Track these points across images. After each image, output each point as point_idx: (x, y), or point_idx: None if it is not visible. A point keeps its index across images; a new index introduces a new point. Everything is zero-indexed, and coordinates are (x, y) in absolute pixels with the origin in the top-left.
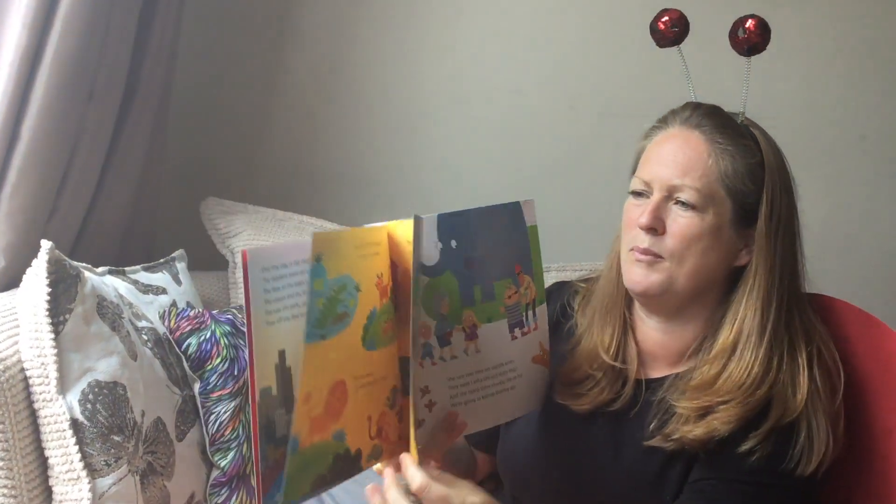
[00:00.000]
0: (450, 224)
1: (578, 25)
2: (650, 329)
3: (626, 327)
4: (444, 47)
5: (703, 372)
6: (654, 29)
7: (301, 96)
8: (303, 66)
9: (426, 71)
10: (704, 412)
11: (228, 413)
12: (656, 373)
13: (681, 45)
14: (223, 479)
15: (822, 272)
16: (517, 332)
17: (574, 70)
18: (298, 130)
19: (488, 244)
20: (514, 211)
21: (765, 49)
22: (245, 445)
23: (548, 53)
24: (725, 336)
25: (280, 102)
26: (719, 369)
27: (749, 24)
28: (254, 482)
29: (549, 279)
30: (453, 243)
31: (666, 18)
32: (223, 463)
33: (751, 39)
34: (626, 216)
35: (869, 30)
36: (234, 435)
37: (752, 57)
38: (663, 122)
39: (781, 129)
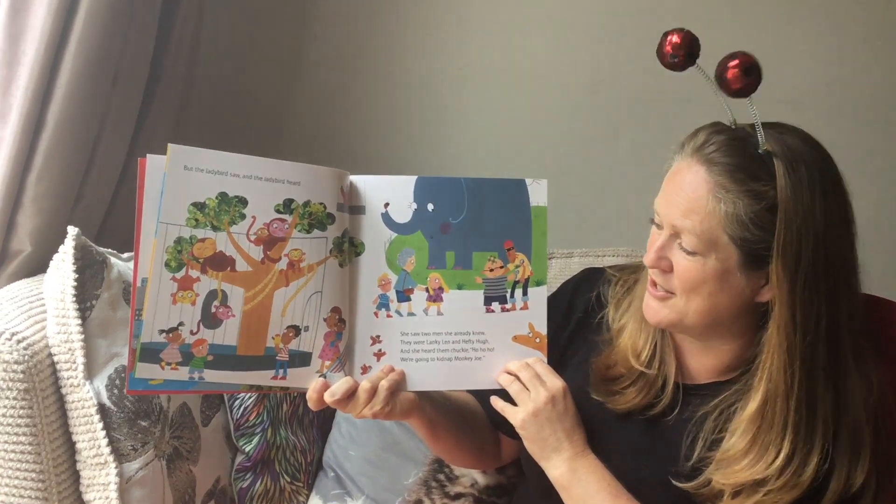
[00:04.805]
0: (430, 187)
1: (601, 3)
2: (687, 342)
3: (665, 332)
4: (460, 29)
5: (732, 445)
6: (660, 55)
7: (322, 84)
8: (324, 54)
9: (442, 54)
10: (748, 493)
11: (253, 399)
12: (698, 378)
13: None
14: (248, 464)
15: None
16: (495, 305)
17: (597, 51)
18: (320, 117)
19: (476, 215)
20: (516, 188)
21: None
22: (269, 430)
23: (569, 34)
24: (752, 406)
25: (302, 89)
26: (747, 444)
27: (670, 44)
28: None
29: (573, 265)
30: (430, 206)
31: (668, 48)
32: (248, 448)
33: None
34: None
35: None
36: (259, 420)
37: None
38: (681, 145)
39: (805, 114)
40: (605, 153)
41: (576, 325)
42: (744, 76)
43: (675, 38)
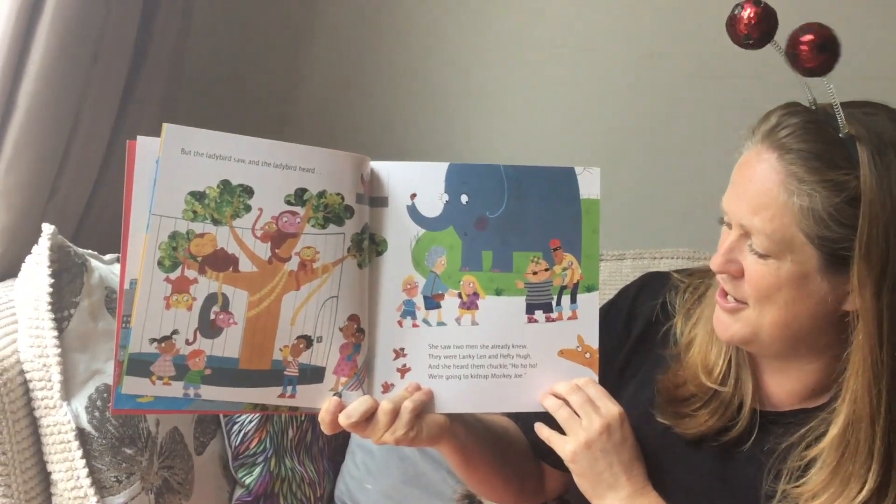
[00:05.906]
0: (464, 176)
1: None
2: (765, 361)
3: (740, 348)
4: None
5: (812, 477)
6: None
7: (335, 59)
8: (338, 23)
9: (476, 23)
10: None
11: (254, 423)
12: (780, 405)
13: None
14: (248, 499)
15: None
16: (539, 314)
17: (655, 21)
18: (333, 92)
19: (517, 208)
20: (564, 177)
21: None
22: (273, 460)
23: (624, 1)
24: (833, 431)
25: (312, 59)
26: (828, 476)
27: (742, 22)
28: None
29: (625, 268)
30: (464, 198)
31: (742, 27)
32: (248, 480)
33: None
34: None
35: None
36: (261, 448)
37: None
38: (751, 130)
39: None
40: (663, 138)
41: (637, 339)
42: (818, 53)
43: (749, 14)
